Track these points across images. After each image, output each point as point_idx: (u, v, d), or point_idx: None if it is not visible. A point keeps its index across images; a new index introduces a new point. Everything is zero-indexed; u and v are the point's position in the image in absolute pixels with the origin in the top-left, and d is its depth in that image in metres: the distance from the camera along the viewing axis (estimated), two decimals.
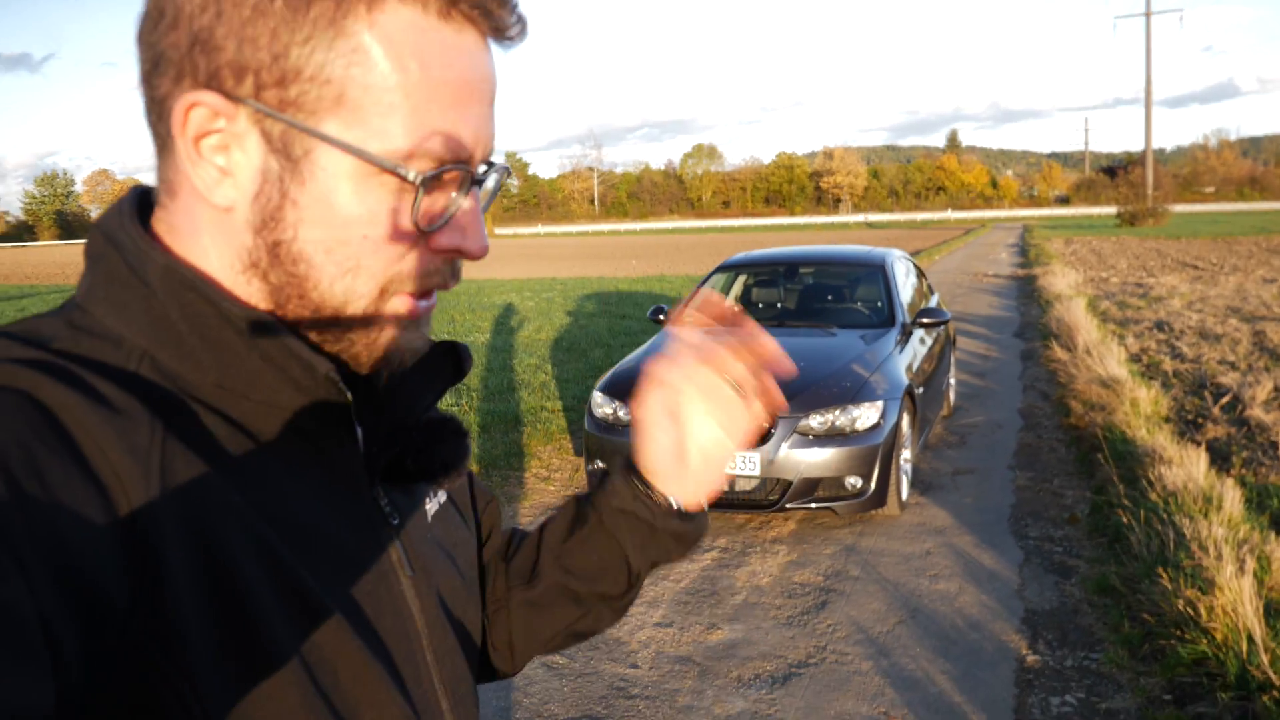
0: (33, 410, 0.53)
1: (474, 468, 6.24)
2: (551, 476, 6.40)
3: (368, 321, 0.64)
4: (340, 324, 0.64)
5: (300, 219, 0.62)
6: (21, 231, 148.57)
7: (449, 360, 0.77)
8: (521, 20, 0.67)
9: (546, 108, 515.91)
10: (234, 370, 0.62)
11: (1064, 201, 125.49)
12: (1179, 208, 65.05)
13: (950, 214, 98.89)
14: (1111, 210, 65.86)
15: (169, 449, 0.57)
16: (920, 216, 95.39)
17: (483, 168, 0.66)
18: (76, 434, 0.53)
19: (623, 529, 0.87)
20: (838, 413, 5.11)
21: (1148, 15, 58.40)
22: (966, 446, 7.02)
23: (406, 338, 0.67)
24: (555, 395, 8.66)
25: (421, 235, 0.64)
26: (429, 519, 0.79)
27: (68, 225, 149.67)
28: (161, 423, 0.58)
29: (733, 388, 0.79)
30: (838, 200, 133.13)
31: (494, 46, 0.67)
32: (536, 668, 3.78)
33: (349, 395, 0.65)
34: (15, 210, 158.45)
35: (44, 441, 0.51)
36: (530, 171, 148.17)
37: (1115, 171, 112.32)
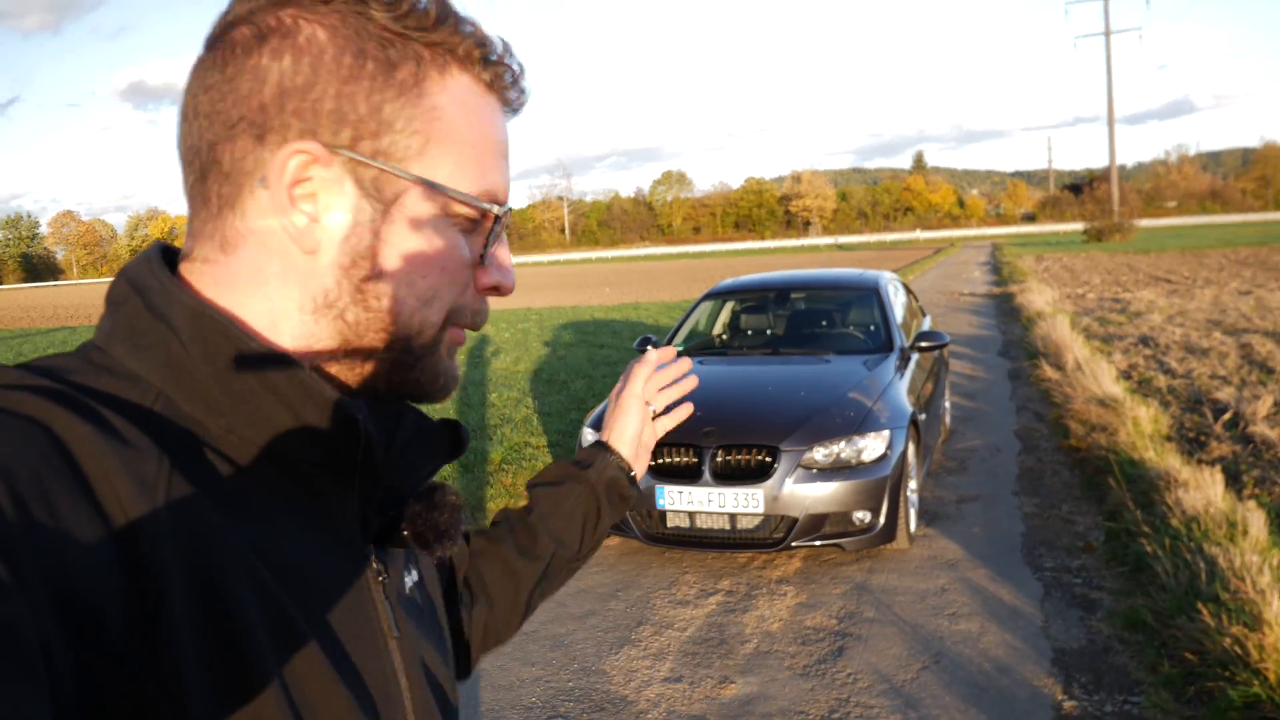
0: (43, 437, 0.54)
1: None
2: None
3: (432, 349, 0.71)
4: (412, 352, 0.71)
5: (389, 256, 0.68)
6: None
7: (449, 437, 0.82)
8: (526, 98, 0.78)
9: (513, 138, 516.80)
10: (245, 414, 0.64)
11: (1030, 219, 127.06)
12: (1144, 222, 65.86)
13: (919, 234, 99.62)
14: (1078, 226, 66.61)
15: (175, 484, 0.58)
16: (890, 237, 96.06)
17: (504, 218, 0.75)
18: (84, 463, 0.54)
19: (604, 495, 1.12)
20: (843, 444, 4.87)
21: (1107, 34, 59.19)
22: (967, 472, 6.80)
23: (449, 366, 0.75)
24: (539, 430, 8.36)
25: (472, 271, 0.72)
26: (407, 589, 0.81)
27: (33, 268, 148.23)
28: (169, 458, 0.59)
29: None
30: (807, 223, 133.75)
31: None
32: None
33: (359, 420, 0.66)
34: None
35: (52, 467, 0.53)
36: None
37: (1080, 188, 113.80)
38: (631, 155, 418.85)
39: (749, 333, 7.08)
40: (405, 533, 0.76)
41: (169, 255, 0.72)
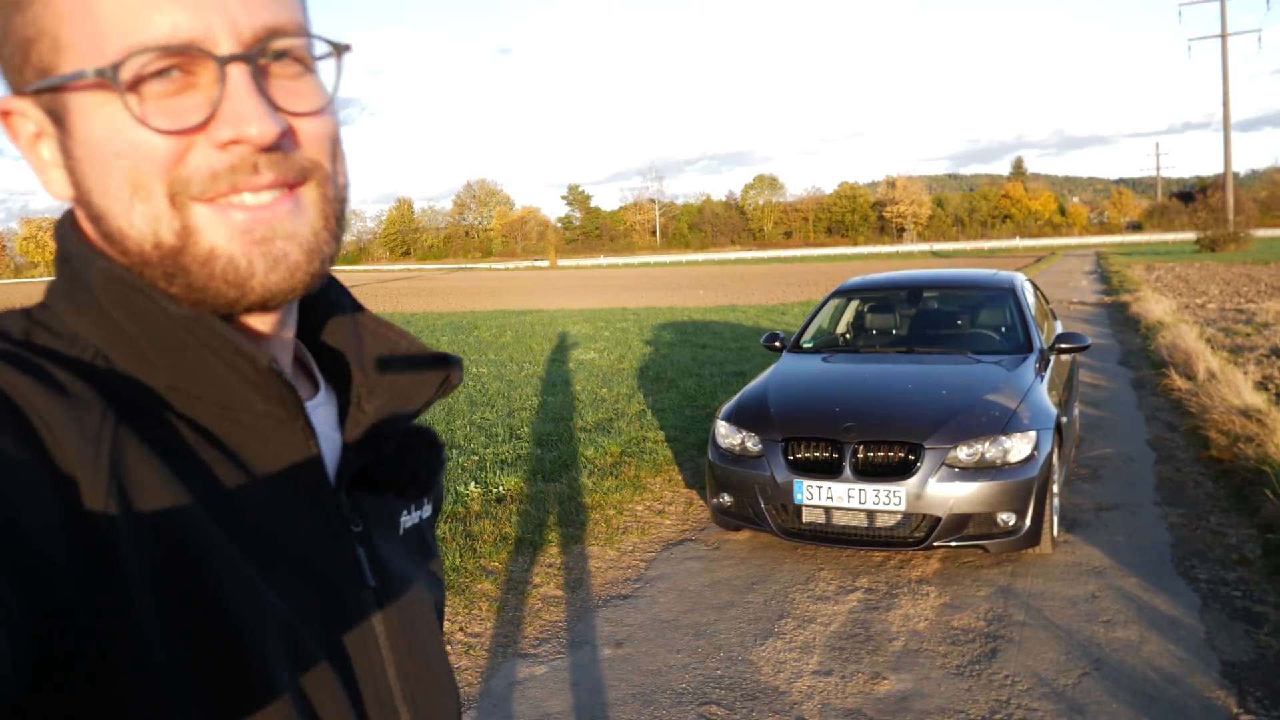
0: None
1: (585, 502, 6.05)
2: (666, 510, 6.11)
3: (185, 239, 0.61)
4: (168, 258, 0.61)
5: (84, 171, 0.62)
6: None
7: (439, 372, 0.77)
8: None
9: (607, 141, 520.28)
10: (185, 370, 0.62)
11: (1136, 228, 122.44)
12: (1260, 232, 62.91)
13: (1018, 242, 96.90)
14: (1188, 236, 63.90)
15: (121, 436, 0.56)
16: (987, 245, 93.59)
17: (235, 55, 0.60)
18: (30, 415, 0.53)
19: None
20: (988, 444, 4.74)
21: (1224, 36, 56.48)
22: (1101, 480, 6.56)
23: (257, 254, 0.62)
24: (655, 425, 8.38)
25: (183, 135, 0.60)
26: (400, 532, 0.77)
27: None
28: (114, 412, 0.57)
29: None
30: (901, 229, 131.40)
31: None
32: (695, 719, 3.48)
33: (294, 389, 0.64)
34: None
35: None
36: (592, 204, 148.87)
37: (1190, 196, 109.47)
38: (722, 159, 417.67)
39: (878, 331, 6.97)
40: (379, 476, 0.74)
41: None
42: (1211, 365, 9.93)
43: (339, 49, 0.67)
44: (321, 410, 0.74)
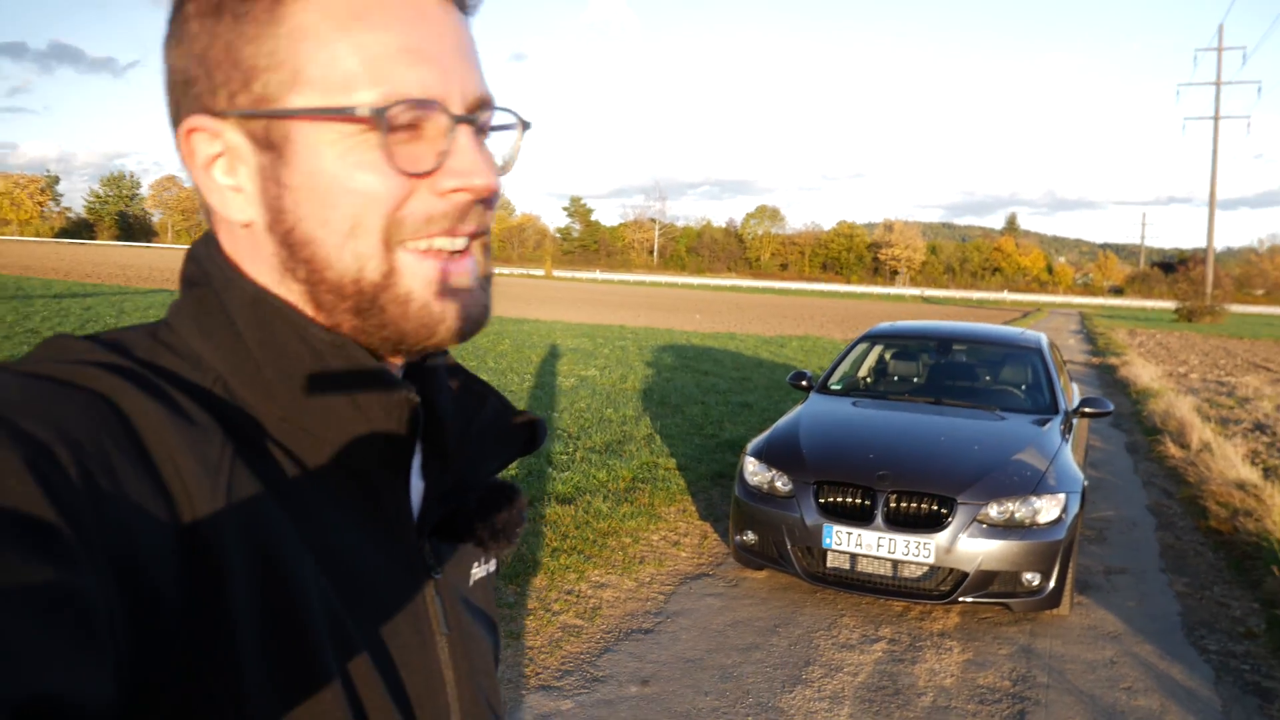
0: (109, 412, 0.54)
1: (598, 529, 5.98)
2: (681, 541, 6.13)
3: (387, 282, 0.64)
4: (366, 295, 0.64)
5: (296, 200, 0.64)
6: (81, 228, 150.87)
7: (524, 431, 0.80)
8: None
9: (611, 156, 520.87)
10: (302, 402, 0.64)
11: (1118, 292, 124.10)
12: (1234, 307, 63.97)
13: (1006, 295, 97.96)
14: (1166, 304, 64.89)
15: (237, 469, 0.58)
16: (976, 295, 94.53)
17: (463, 116, 0.66)
18: (149, 439, 0.55)
19: None
20: (1018, 504, 4.81)
21: (1216, 119, 58.14)
22: (1108, 544, 6.65)
23: (448, 302, 0.66)
24: (665, 451, 8.41)
25: (412, 179, 0.64)
26: (470, 584, 0.79)
27: (129, 227, 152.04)
28: (233, 442, 0.59)
29: None
30: (895, 272, 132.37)
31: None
32: None
33: (417, 399, 0.66)
34: (78, 208, 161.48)
35: (117, 442, 0.53)
36: (593, 218, 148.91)
37: (1171, 266, 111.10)
38: (724, 186, 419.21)
39: (907, 379, 7.03)
40: (462, 527, 0.76)
41: None
42: (1204, 436, 10.10)
43: (524, 125, 0.73)
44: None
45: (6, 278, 29.09)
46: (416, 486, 0.74)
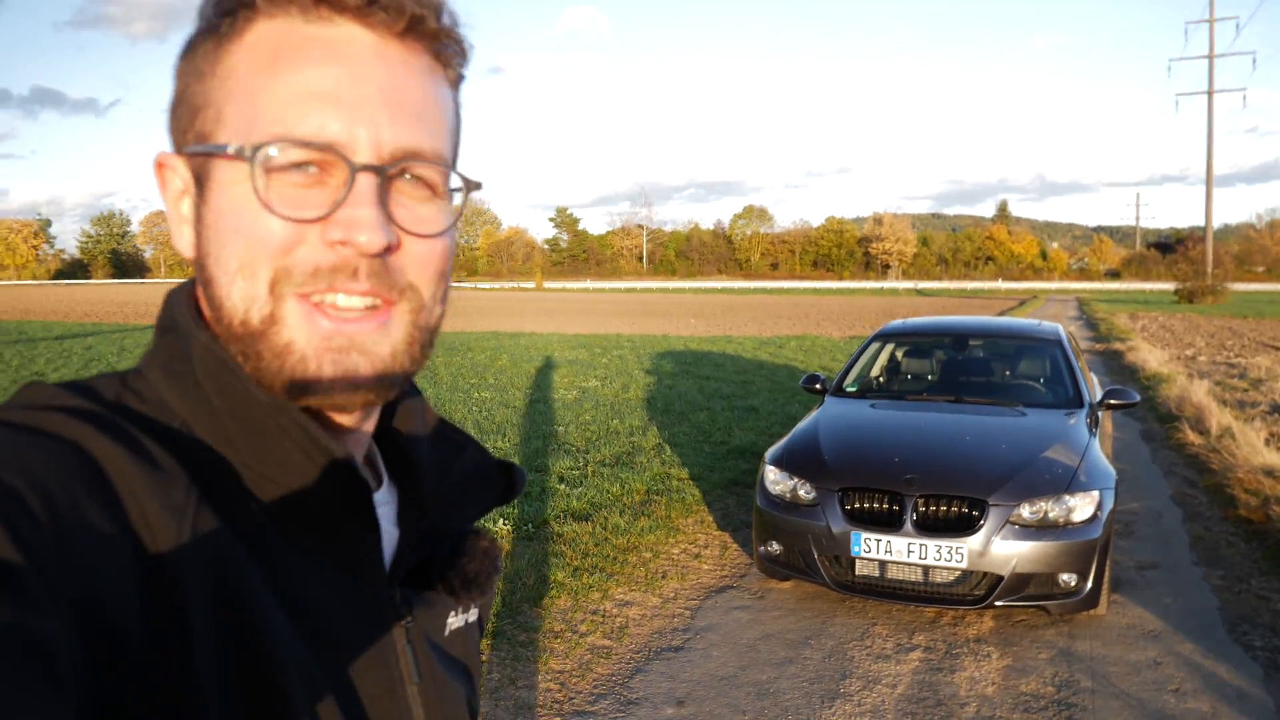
0: (78, 459, 0.54)
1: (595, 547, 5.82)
2: (702, 553, 5.98)
3: (269, 326, 0.63)
4: (248, 338, 0.63)
5: (206, 237, 0.65)
6: (76, 269, 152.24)
7: (502, 479, 0.80)
8: (385, 1, 0.64)
9: (594, 164, 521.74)
10: (263, 451, 0.63)
11: (1114, 276, 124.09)
12: (1235, 286, 63.90)
13: (1001, 284, 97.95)
14: (1165, 286, 64.76)
15: (202, 514, 0.58)
16: (970, 285, 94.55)
17: (369, 165, 0.63)
18: (117, 484, 0.55)
19: None
20: (1051, 503, 4.67)
21: (1210, 93, 57.68)
22: (1136, 537, 6.51)
23: (328, 359, 0.63)
24: (676, 462, 8.27)
25: (300, 225, 0.62)
26: (446, 633, 0.77)
27: (122, 265, 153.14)
28: (198, 487, 0.59)
29: None
30: (886, 266, 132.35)
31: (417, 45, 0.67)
32: None
33: (366, 484, 0.65)
34: (71, 248, 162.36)
35: (85, 487, 0.53)
36: (580, 227, 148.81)
37: (1167, 247, 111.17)
38: (710, 188, 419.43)
39: (924, 378, 6.90)
40: (434, 576, 0.75)
41: None
42: (1224, 421, 9.96)
43: (469, 185, 0.70)
44: (384, 507, 0.74)
45: (8, 323, 29.06)
46: (391, 534, 0.73)
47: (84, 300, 52.26)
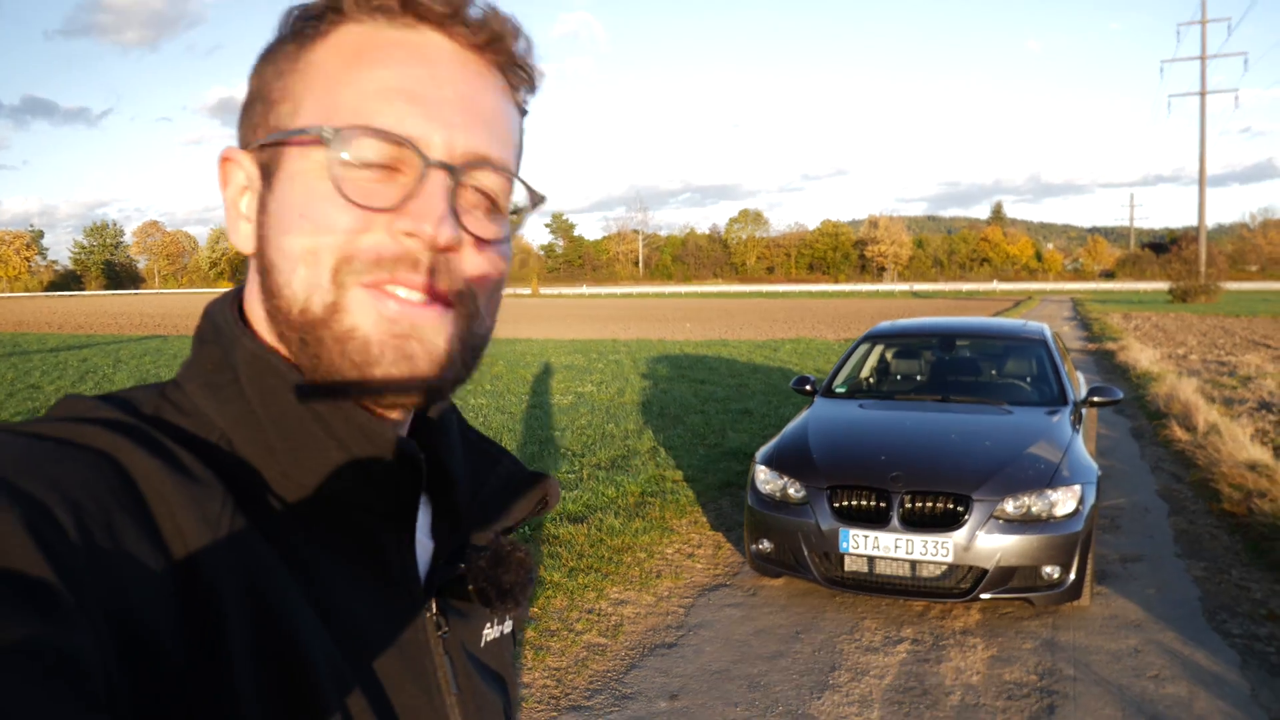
0: (111, 471, 0.54)
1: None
2: (695, 553, 6.11)
3: (331, 314, 0.63)
4: (309, 327, 0.63)
5: (269, 225, 0.65)
6: (69, 281, 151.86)
7: (538, 491, 0.80)
8: (469, 15, 0.66)
9: (589, 169, 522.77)
10: (304, 459, 0.63)
11: (1109, 276, 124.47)
12: (1229, 285, 64.18)
13: (996, 285, 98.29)
14: (1159, 286, 65.11)
15: (236, 524, 0.58)
16: (965, 287, 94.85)
17: (442, 163, 0.64)
18: (150, 497, 0.55)
19: None
20: (1034, 498, 4.80)
21: (1203, 94, 58.06)
22: (1121, 531, 6.64)
23: (389, 344, 0.63)
24: (670, 464, 8.39)
25: (369, 214, 0.63)
26: (482, 644, 0.78)
27: (116, 275, 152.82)
28: (234, 498, 0.59)
29: None
30: (882, 269, 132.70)
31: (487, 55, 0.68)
32: None
33: (418, 456, 0.65)
34: (64, 260, 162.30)
35: (119, 501, 0.53)
36: (576, 233, 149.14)
37: (1162, 247, 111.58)
38: (706, 192, 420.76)
39: (911, 378, 7.04)
40: (470, 587, 0.74)
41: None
42: (1211, 418, 10.10)
43: (535, 198, 0.72)
44: (419, 517, 0.74)
45: (2, 335, 29.05)
46: (426, 546, 0.73)
47: (78, 311, 52.17)
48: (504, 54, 0.69)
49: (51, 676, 0.44)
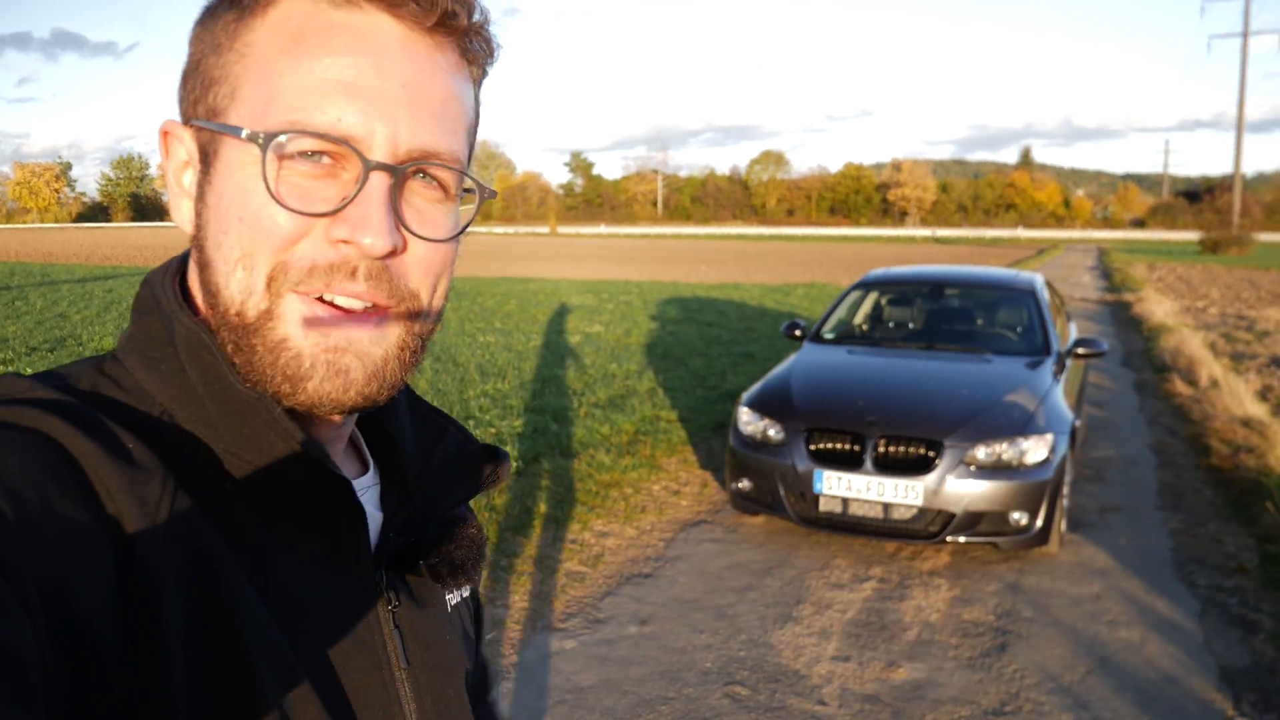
0: (51, 453, 0.53)
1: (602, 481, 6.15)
2: (682, 490, 6.27)
3: (265, 322, 0.62)
4: (243, 331, 0.62)
5: (207, 219, 0.63)
6: (96, 213, 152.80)
7: (487, 464, 0.80)
8: (431, 1, 0.63)
9: (610, 107, 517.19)
10: (245, 438, 0.62)
11: (1140, 225, 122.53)
12: (1264, 236, 63.02)
13: (1021, 232, 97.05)
14: (1191, 236, 64.00)
15: (178, 506, 0.57)
16: (990, 234, 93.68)
17: (383, 164, 0.61)
18: (91, 478, 0.54)
19: None
20: (1006, 445, 4.90)
21: (1245, 35, 56.28)
22: (1105, 482, 6.74)
23: (322, 357, 0.62)
24: (667, 405, 8.54)
25: (306, 219, 0.61)
26: (437, 619, 0.77)
27: (141, 208, 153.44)
28: (174, 478, 0.58)
29: None
30: (904, 213, 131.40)
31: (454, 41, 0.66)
32: (721, 698, 3.65)
33: (344, 481, 0.64)
34: (92, 192, 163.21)
35: (59, 486, 0.52)
36: (595, 172, 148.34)
37: (1196, 196, 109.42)
38: (727, 132, 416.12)
39: (899, 325, 7.11)
40: (420, 563, 0.74)
41: None
42: (1214, 372, 10.10)
43: (483, 192, 0.70)
44: (368, 491, 0.76)
45: (32, 265, 29.43)
46: (375, 517, 0.73)
47: (104, 243, 52.57)
48: (458, 31, 0.65)
49: None
